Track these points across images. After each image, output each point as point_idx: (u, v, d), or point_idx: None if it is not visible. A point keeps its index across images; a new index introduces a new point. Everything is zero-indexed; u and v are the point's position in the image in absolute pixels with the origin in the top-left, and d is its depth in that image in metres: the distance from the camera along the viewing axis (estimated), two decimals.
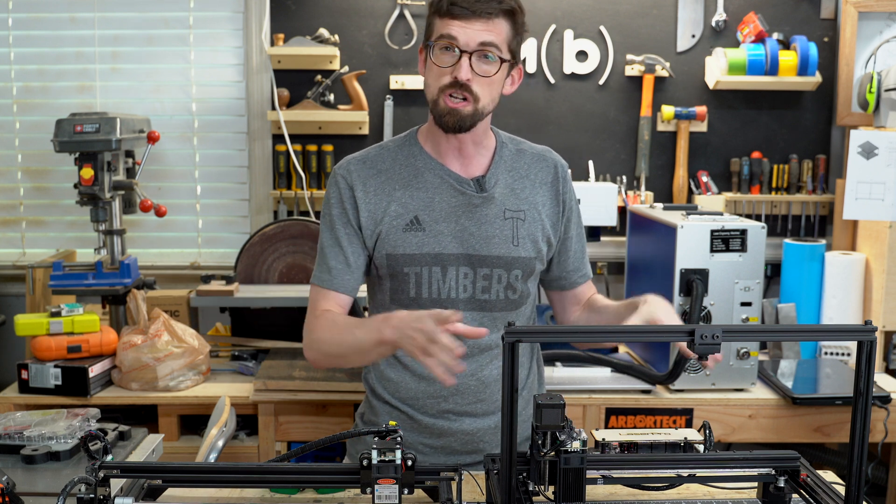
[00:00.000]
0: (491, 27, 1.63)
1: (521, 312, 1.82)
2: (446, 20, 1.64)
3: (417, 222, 1.73)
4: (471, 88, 1.65)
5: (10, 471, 1.58)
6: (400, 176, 1.76)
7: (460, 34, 1.63)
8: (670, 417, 2.41)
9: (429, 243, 1.73)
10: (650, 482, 1.47)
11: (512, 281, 1.77)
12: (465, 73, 1.63)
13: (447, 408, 1.78)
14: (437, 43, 1.65)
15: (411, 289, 1.74)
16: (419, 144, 1.79)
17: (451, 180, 1.75)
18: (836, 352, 2.77)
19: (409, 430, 1.81)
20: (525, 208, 1.77)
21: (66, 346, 2.39)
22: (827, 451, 2.80)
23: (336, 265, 1.77)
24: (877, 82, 2.80)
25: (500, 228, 1.75)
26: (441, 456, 1.80)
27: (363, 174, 1.76)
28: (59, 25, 3.14)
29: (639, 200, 3.07)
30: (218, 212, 3.23)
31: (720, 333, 1.21)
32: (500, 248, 1.75)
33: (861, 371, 1.23)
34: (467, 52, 1.63)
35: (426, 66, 1.71)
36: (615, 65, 3.09)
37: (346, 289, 1.78)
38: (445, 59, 1.65)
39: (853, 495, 1.27)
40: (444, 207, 1.74)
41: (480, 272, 1.75)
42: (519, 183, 1.79)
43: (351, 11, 3.07)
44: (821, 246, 2.83)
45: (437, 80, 1.67)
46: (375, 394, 1.86)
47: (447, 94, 1.66)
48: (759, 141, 3.14)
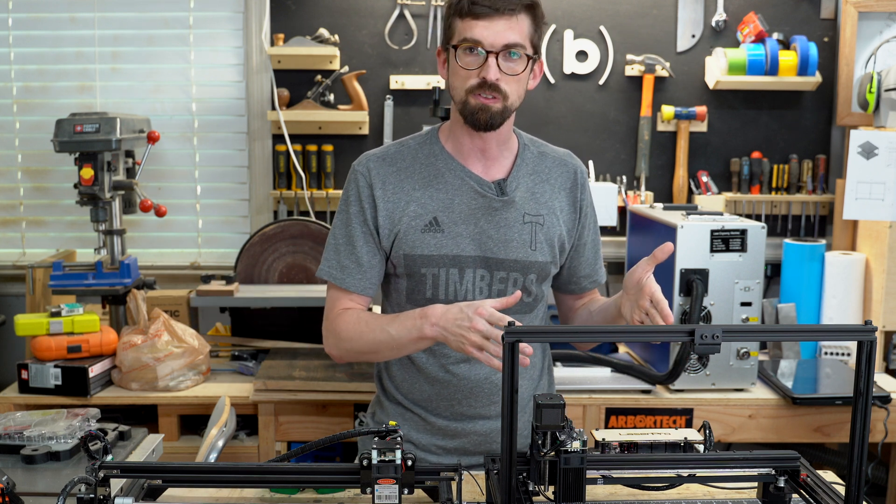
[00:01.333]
0: (514, 24, 1.62)
1: (534, 315, 1.82)
2: (468, 21, 1.62)
3: (436, 223, 1.72)
4: (499, 87, 1.63)
5: (10, 471, 1.58)
6: (420, 175, 1.75)
7: (485, 36, 1.60)
8: (670, 417, 2.41)
9: (447, 245, 1.72)
10: (650, 482, 1.47)
11: (527, 284, 1.77)
12: (494, 73, 1.62)
13: (460, 410, 1.78)
14: (462, 45, 1.63)
15: (428, 289, 1.74)
16: (440, 144, 1.77)
17: (472, 182, 1.73)
18: (836, 352, 2.77)
19: (423, 431, 1.81)
20: (544, 213, 1.77)
21: (66, 346, 2.39)
22: (827, 451, 2.80)
23: (349, 264, 1.76)
24: (877, 82, 2.80)
25: (519, 232, 1.74)
26: (454, 457, 1.80)
27: (382, 172, 1.75)
28: (59, 25, 3.14)
29: (639, 200, 3.07)
30: (218, 212, 3.23)
31: (720, 333, 1.21)
32: (517, 252, 1.74)
33: (861, 371, 1.23)
34: (493, 52, 1.61)
35: (449, 69, 1.69)
36: (615, 65, 3.09)
37: (359, 288, 1.76)
38: (471, 62, 1.63)
39: (853, 495, 1.27)
40: (463, 209, 1.73)
41: (497, 275, 1.75)
42: (539, 187, 1.78)
43: (351, 11, 3.07)
44: (821, 246, 2.83)
45: (463, 83, 1.65)
46: (388, 394, 1.86)
47: (476, 94, 1.64)
48: (759, 141, 3.14)
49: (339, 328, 1.75)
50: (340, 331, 1.75)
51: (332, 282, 1.77)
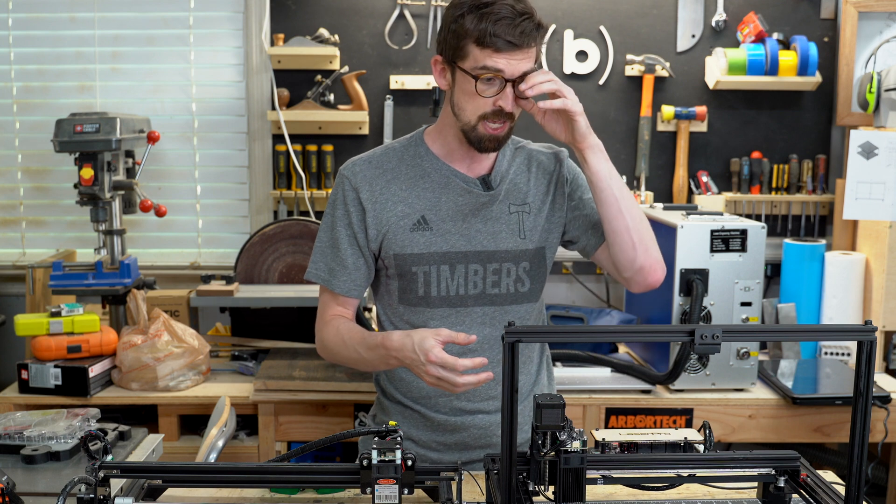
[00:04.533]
0: (529, 53, 1.63)
1: (531, 308, 1.83)
2: (487, 51, 1.60)
3: (424, 222, 1.74)
4: (512, 113, 1.66)
5: (10, 471, 1.58)
6: (406, 176, 1.77)
7: (506, 67, 1.60)
8: (670, 417, 2.41)
9: (437, 242, 1.74)
10: (650, 482, 1.47)
11: (521, 274, 1.78)
12: (511, 104, 1.64)
13: (459, 405, 1.80)
14: (480, 74, 1.61)
15: (420, 287, 1.75)
16: (425, 145, 1.79)
17: (457, 180, 1.75)
18: (836, 352, 2.77)
19: (423, 428, 1.82)
20: (529, 200, 1.79)
21: (66, 346, 2.39)
22: (827, 451, 2.80)
23: (335, 266, 1.78)
24: (877, 82, 2.80)
25: (507, 223, 1.76)
26: (455, 452, 1.81)
27: (369, 175, 1.77)
28: (59, 25, 3.14)
29: (639, 200, 3.07)
30: (218, 212, 3.23)
31: (720, 333, 1.22)
32: (507, 242, 1.76)
33: (861, 371, 1.23)
34: (511, 81, 1.62)
35: (456, 87, 1.67)
36: (615, 65, 3.09)
37: (345, 289, 1.79)
38: (487, 90, 1.63)
39: (853, 495, 1.27)
40: (450, 207, 1.75)
41: (490, 267, 1.76)
42: (521, 177, 1.80)
43: (351, 11, 3.07)
44: (821, 246, 2.83)
45: (477, 108, 1.65)
46: (387, 394, 1.87)
47: (487, 121, 1.65)
48: (759, 141, 3.14)
49: (323, 337, 1.81)
50: (324, 340, 1.81)
51: (320, 283, 1.81)
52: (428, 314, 1.76)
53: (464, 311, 1.76)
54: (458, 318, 1.76)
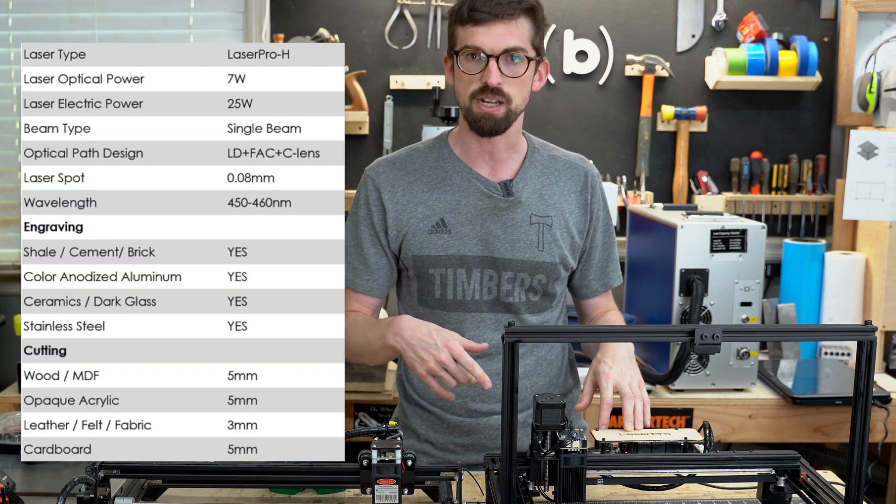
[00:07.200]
0: (513, 29, 1.63)
1: (548, 317, 1.82)
2: (469, 27, 1.63)
3: (443, 224, 1.74)
4: (502, 91, 1.65)
5: (10, 471, 1.57)
6: (428, 178, 1.77)
7: (485, 42, 1.62)
8: (670, 417, 2.42)
9: (454, 245, 1.74)
10: (650, 482, 1.47)
11: (535, 285, 1.77)
12: (496, 77, 1.63)
13: (475, 407, 1.80)
14: (463, 52, 1.65)
15: (436, 290, 1.75)
16: (449, 147, 1.79)
17: (478, 183, 1.75)
18: (836, 352, 2.77)
19: (440, 430, 1.82)
20: (552, 214, 1.77)
21: None
22: (827, 451, 2.80)
23: (358, 265, 1.78)
24: (877, 82, 2.80)
25: (526, 233, 1.75)
26: (472, 454, 1.80)
27: (392, 176, 1.77)
28: (59, 25, 3.14)
29: (639, 200, 3.07)
30: None
31: (720, 333, 1.22)
32: (524, 253, 1.75)
33: (861, 371, 1.23)
34: (494, 56, 1.63)
35: (454, 76, 1.71)
36: (615, 65, 3.09)
37: (366, 288, 1.79)
38: (472, 67, 1.65)
39: (853, 495, 1.27)
40: (470, 210, 1.74)
41: (504, 275, 1.75)
42: (548, 189, 1.79)
43: (351, 11, 3.07)
44: (821, 246, 2.83)
45: (467, 88, 1.67)
46: (407, 397, 1.88)
47: (479, 100, 1.66)
48: (759, 141, 3.14)
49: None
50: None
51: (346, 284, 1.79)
52: (444, 317, 1.76)
53: (478, 317, 1.76)
54: (472, 323, 1.76)
